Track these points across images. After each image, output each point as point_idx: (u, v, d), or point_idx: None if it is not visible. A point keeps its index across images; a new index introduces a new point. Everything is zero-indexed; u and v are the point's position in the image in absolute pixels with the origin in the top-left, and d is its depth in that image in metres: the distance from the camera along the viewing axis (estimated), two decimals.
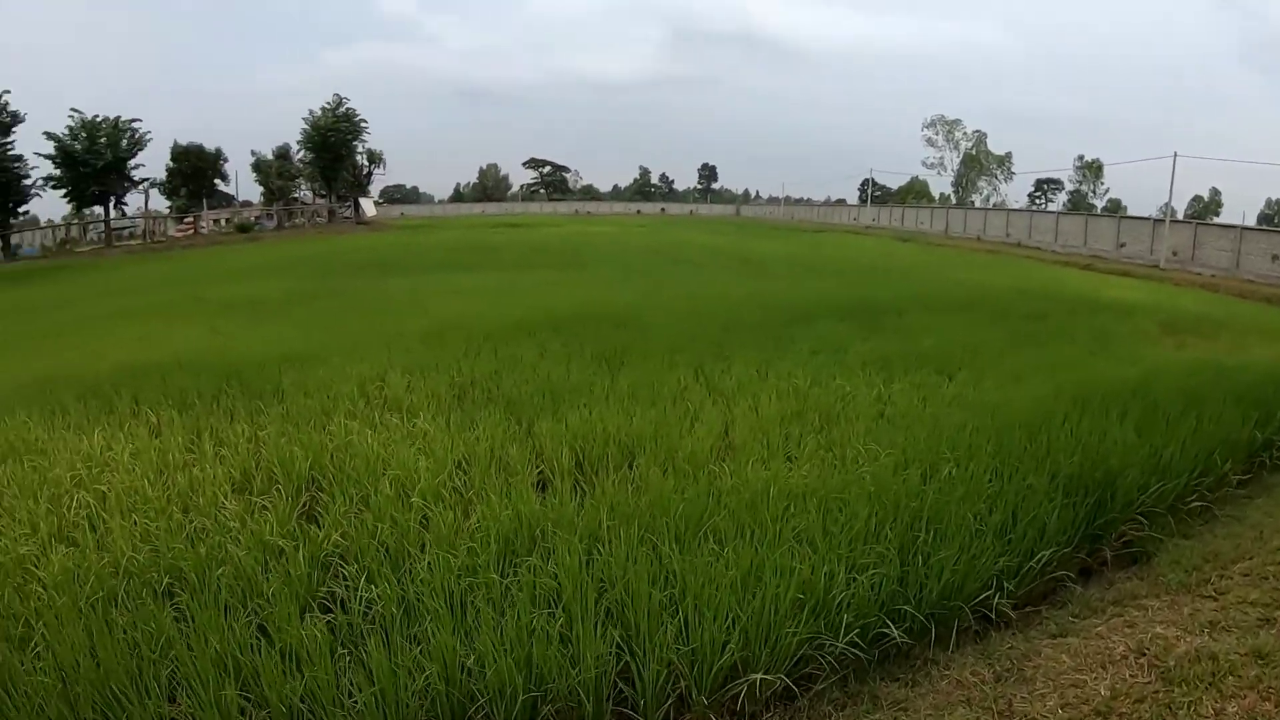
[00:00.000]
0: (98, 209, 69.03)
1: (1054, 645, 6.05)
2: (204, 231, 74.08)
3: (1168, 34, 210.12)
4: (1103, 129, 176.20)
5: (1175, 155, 53.28)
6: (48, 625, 5.61)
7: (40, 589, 6.17)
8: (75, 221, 71.08)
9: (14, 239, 65.81)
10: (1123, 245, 55.05)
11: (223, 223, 78.06)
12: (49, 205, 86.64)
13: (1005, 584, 6.49)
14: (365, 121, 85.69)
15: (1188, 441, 9.11)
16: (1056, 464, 8.14)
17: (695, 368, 12.31)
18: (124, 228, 71.64)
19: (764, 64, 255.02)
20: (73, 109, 65.05)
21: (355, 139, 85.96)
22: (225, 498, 7.79)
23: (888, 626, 5.83)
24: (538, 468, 8.57)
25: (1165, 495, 8.26)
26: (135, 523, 7.26)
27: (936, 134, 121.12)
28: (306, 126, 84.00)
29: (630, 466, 8.36)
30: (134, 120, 67.63)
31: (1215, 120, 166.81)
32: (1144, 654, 5.70)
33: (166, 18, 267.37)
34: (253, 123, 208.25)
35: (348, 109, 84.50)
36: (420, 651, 5.20)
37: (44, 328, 23.46)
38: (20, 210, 65.39)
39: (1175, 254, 49.37)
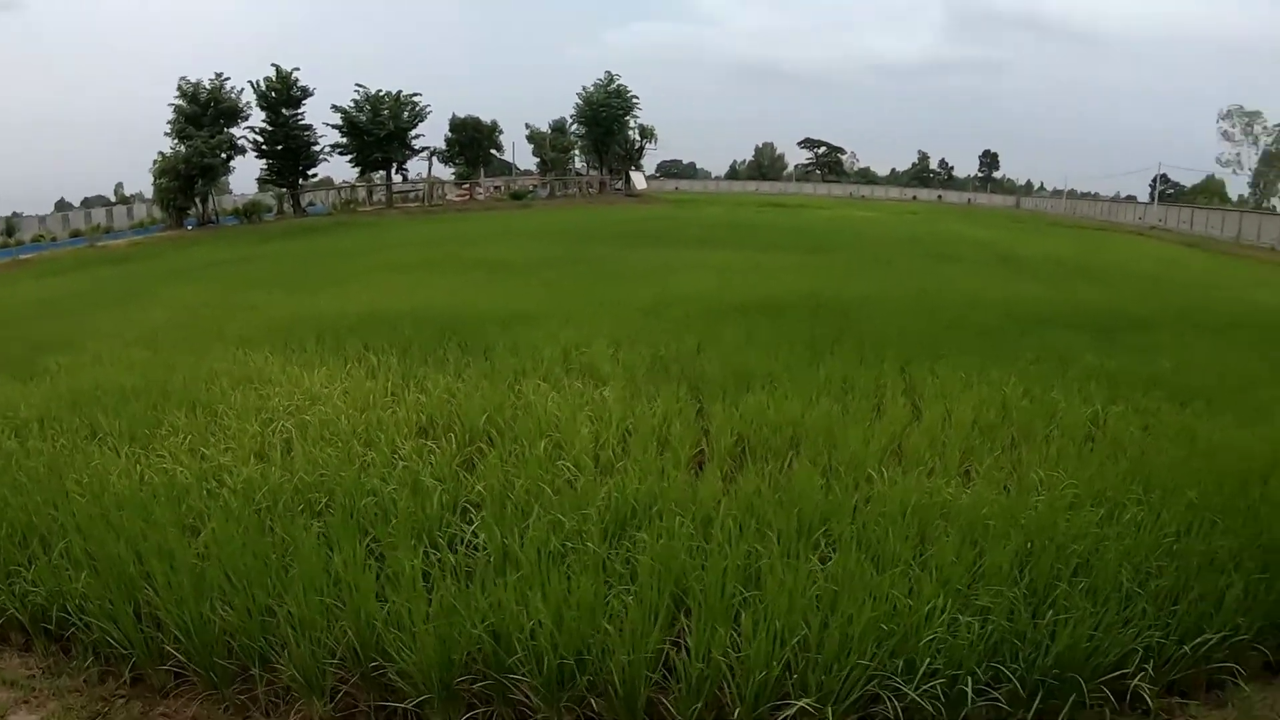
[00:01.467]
0: (382, 173, 74.08)
1: None
2: (480, 197, 77.50)
3: None
4: None
5: None
6: (217, 522, 6.47)
7: (224, 493, 7.08)
8: (361, 184, 76.24)
9: (307, 197, 71.77)
10: None
11: (496, 190, 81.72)
12: (342, 169, 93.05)
13: (1145, 666, 5.32)
14: (636, 98, 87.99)
15: None
16: (1266, 527, 6.76)
17: (902, 365, 11.75)
18: (407, 191, 76.26)
19: (1052, 47, 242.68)
20: (358, 84, 70.78)
21: (626, 114, 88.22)
22: (404, 439, 8.35)
23: (972, 684, 4.95)
24: (698, 448, 8.52)
25: None
26: (320, 450, 8.01)
27: (1233, 127, 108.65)
28: (580, 101, 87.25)
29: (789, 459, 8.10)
30: (415, 94, 72.41)
31: None
32: None
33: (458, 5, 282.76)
34: (533, 98, 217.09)
35: (619, 85, 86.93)
36: (490, 602, 5.31)
37: (314, 274, 25.53)
38: (310, 173, 71.42)
39: None
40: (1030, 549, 6.10)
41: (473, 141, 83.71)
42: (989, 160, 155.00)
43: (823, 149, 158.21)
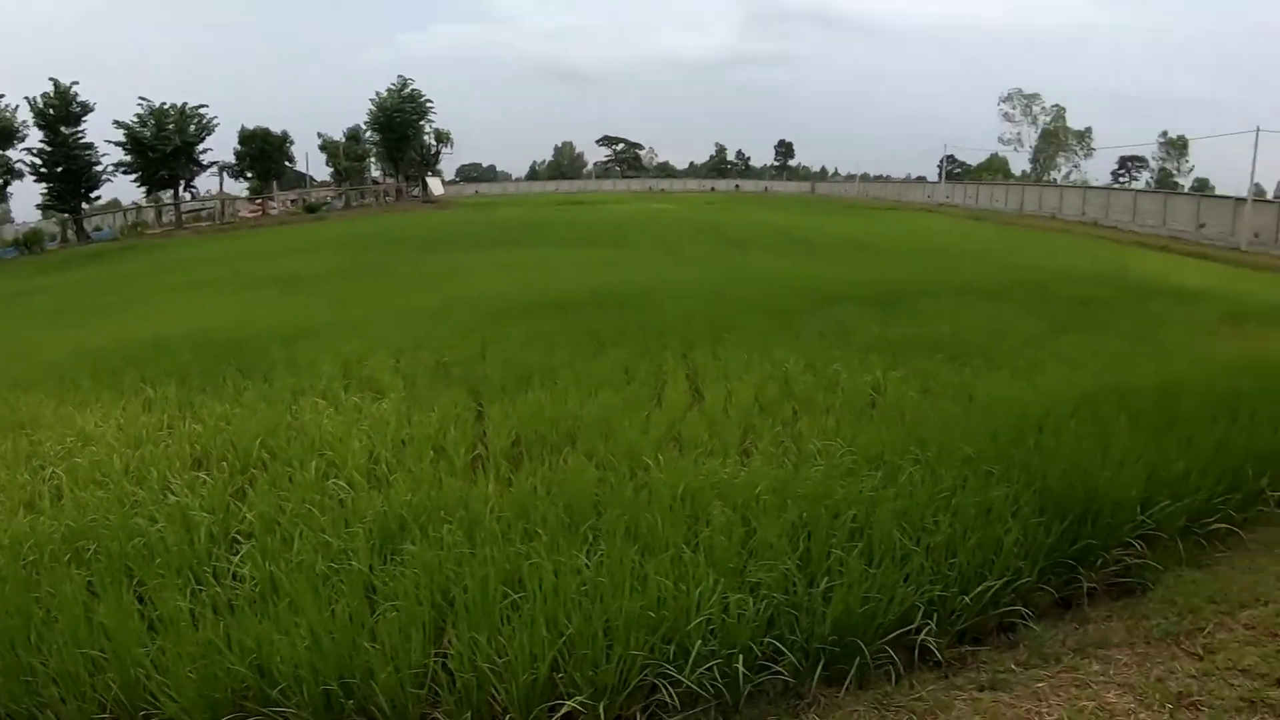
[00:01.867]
0: (170, 192, 70.79)
1: (971, 702, 4.91)
2: (273, 212, 75.19)
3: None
4: (1205, 108, 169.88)
5: (1258, 130, 51.54)
6: None
7: None
8: (149, 204, 72.80)
9: (94, 221, 68.16)
10: (1202, 226, 53.14)
11: (291, 203, 79.56)
12: (129, 189, 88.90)
13: (928, 620, 5.41)
14: (431, 102, 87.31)
15: (1217, 451, 7.88)
16: (1041, 473, 7.01)
17: (684, 351, 11.84)
18: (198, 209, 73.25)
19: (843, 41, 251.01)
20: (141, 97, 67.22)
21: (420, 119, 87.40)
22: (177, 473, 7.95)
23: (751, 660, 4.92)
24: (475, 452, 8.39)
25: (1174, 516, 6.99)
26: (90, 493, 7.57)
27: (1014, 109, 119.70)
28: (373, 108, 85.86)
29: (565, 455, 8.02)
30: (201, 106, 69.56)
31: None
32: None
33: (243, 7, 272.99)
34: (328, 107, 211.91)
35: (413, 90, 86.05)
36: (252, 634, 5.08)
37: (95, 304, 24.29)
38: (93, 195, 67.39)
39: (1257, 236, 47.44)
40: (804, 519, 6.14)
41: (263, 154, 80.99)
42: (784, 149, 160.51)
43: (621, 146, 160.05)
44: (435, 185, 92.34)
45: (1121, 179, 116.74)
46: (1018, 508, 6.44)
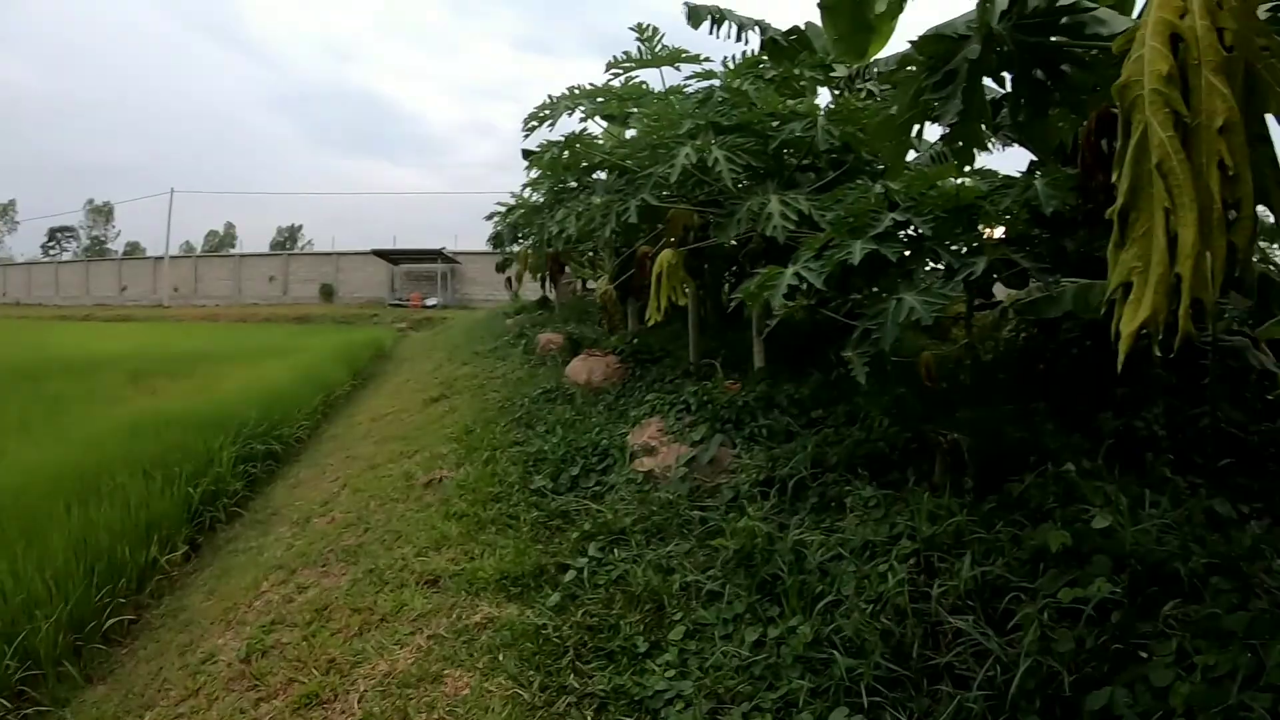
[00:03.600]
0: None
1: None
2: None
3: (195, 82, 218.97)
4: (132, 172, 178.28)
5: (172, 191, 59.51)
6: None
7: None
8: None
9: None
10: (125, 289, 56.71)
11: None
12: None
13: None
14: None
15: (84, 538, 7.03)
16: None
17: None
18: None
19: None
20: None
21: None
22: None
23: None
24: None
25: (48, 640, 5.88)
26: None
27: None
28: None
29: None
30: None
31: (245, 161, 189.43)
32: None
33: None
34: None
35: None
36: None
37: None
38: None
39: (177, 290, 52.55)
40: None
41: None
42: None
43: None
44: None
45: (52, 251, 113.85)
46: None
